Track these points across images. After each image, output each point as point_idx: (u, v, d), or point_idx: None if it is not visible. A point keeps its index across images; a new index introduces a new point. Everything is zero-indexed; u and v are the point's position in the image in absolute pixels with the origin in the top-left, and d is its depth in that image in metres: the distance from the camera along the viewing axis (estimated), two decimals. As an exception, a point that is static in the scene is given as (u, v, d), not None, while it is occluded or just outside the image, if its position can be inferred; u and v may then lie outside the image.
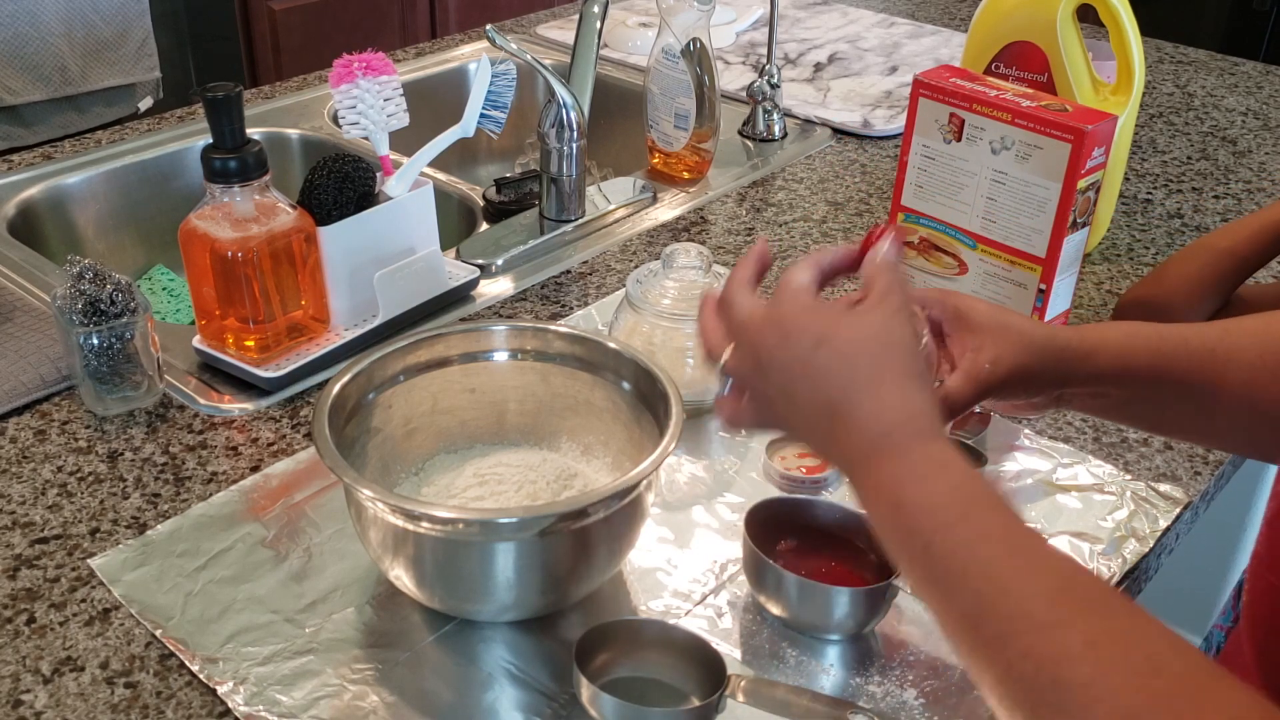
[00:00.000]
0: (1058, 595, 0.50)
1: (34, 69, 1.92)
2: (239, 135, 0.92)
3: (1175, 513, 0.88)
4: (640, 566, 0.81)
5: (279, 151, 1.43)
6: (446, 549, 0.71)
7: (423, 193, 1.05)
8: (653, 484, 0.76)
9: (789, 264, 0.67)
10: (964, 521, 0.53)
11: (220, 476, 0.88)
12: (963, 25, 1.92)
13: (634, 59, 1.68)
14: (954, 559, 0.52)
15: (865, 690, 0.72)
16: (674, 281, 0.92)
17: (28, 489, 0.86)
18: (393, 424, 0.83)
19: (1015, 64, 1.17)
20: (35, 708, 0.69)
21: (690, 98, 1.31)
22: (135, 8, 2.04)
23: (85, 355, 0.91)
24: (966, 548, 0.52)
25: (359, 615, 0.76)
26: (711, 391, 0.94)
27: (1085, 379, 0.69)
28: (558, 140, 1.21)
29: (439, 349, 0.84)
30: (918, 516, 0.54)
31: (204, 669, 0.71)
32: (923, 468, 0.55)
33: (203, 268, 0.93)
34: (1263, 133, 1.56)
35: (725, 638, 0.75)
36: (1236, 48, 2.27)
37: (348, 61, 0.99)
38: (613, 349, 0.83)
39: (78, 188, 1.32)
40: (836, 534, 0.79)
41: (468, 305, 1.11)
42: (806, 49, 1.77)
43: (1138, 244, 1.26)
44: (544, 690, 0.71)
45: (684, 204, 1.32)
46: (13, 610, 0.76)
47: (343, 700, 0.70)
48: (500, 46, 1.17)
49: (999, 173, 1.00)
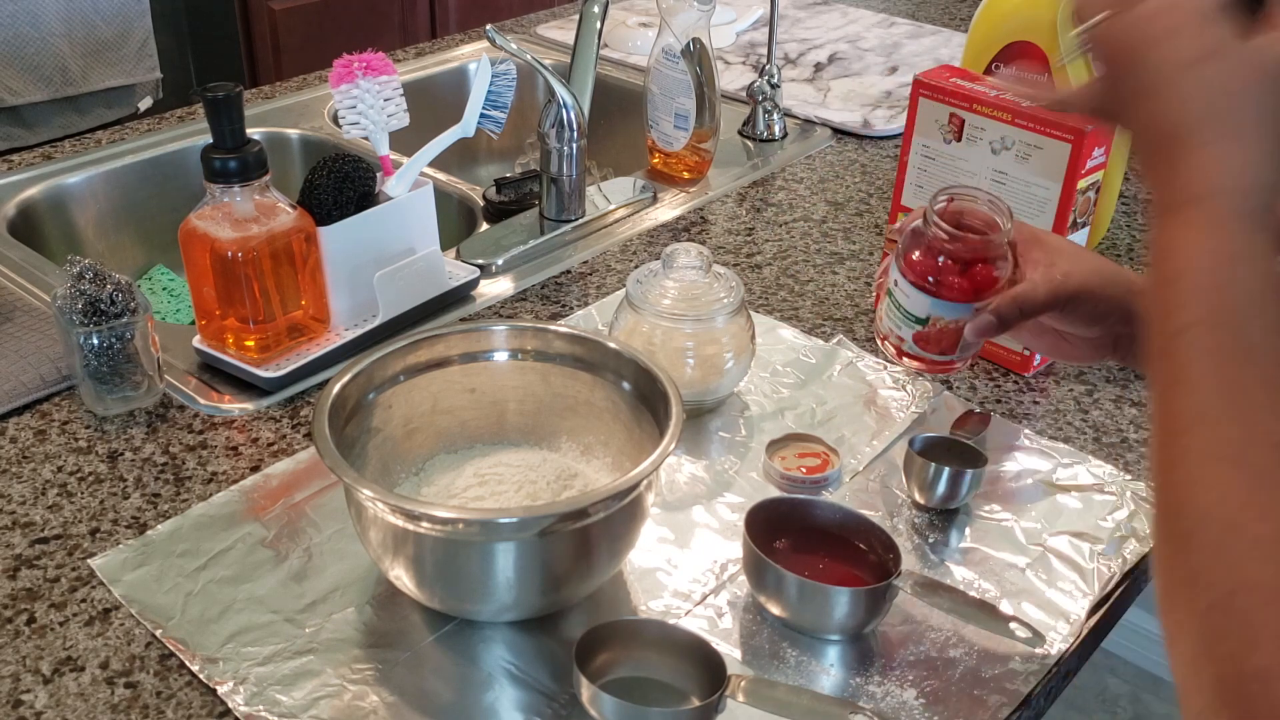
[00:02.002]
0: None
1: (34, 69, 1.92)
2: (239, 135, 0.92)
3: (1175, 513, 0.87)
4: (640, 566, 0.81)
5: (279, 151, 1.43)
6: (446, 549, 0.71)
7: (423, 193, 1.05)
8: (653, 484, 0.76)
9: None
10: (1234, 319, 0.50)
11: (220, 476, 0.88)
12: (963, 25, 1.92)
13: (634, 59, 1.68)
14: (1197, 354, 0.49)
15: (865, 690, 0.72)
16: (674, 281, 0.92)
17: (28, 489, 0.86)
18: (393, 424, 0.83)
19: (1015, 64, 1.17)
20: (35, 708, 0.69)
21: (690, 98, 1.31)
22: (136, 8, 2.04)
23: (85, 355, 0.91)
24: (1215, 350, 0.49)
25: (359, 615, 0.76)
26: (712, 392, 0.94)
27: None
28: (558, 140, 1.21)
29: (439, 349, 0.84)
30: (1190, 293, 0.50)
31: (204, 669, 0.71)
32: (1258, 248, 0.51)
33: (203, 268, 0.93)
34: (1263, 133, 1.56)
35: (725, 638, 0.75)
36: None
37: (348, 61, 0.99)
38: (613, 349, 0.83)
39: (78, 188, 1.32)
40: (836, 534, 0.79)
41: (468, 305, 1.11)
42: (806, 49, 1.77)
43: (1138, 244, 1.26)
44: (544, 690, 0.71)
45: (684, 204, 1.32)
46: (13, 610, 0.76)
47: (343, 700, 0.70)
48: (500, 46, 1.17)
49: (999, 173, 1.00)
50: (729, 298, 0.92)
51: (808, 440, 0.92)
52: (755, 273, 1.18)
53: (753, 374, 1.00)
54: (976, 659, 0.74)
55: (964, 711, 0.71)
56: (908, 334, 0.80)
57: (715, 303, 0.92)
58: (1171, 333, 0.50)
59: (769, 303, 1.12)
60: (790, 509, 0.80)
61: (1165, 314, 0.51)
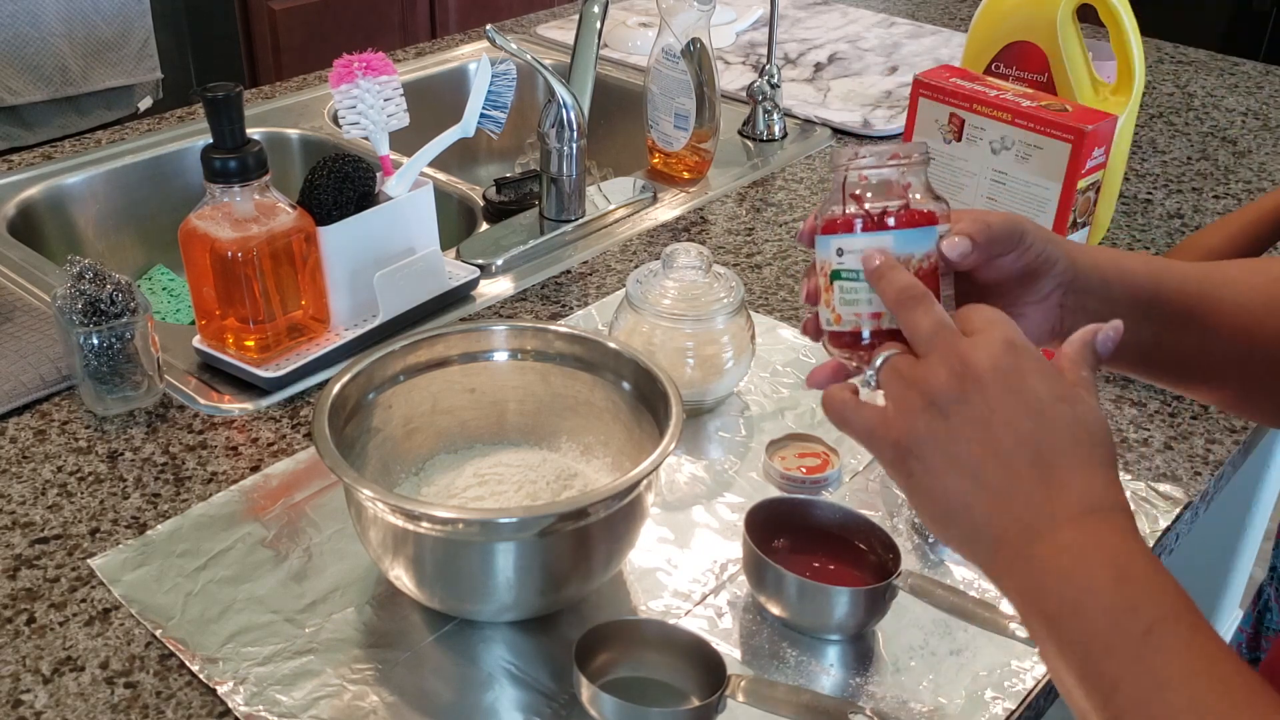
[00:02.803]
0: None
1: (34, 69, 1.92)
2: (239, 135, 0.92)
3: (1175, 513, 0.88)
4: (640, 566, 0.81)
5: (279, 151, 1.43)
6: (446, 549, 0.71)
7: (423, 193, 1.05)
8: (653, 484, 0.76)
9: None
10: (1191, 615, 0.50)
11: (220, 476, 0.88)
12: (963, 25, 1.92)
13: (634, 59, 1.68)
14: (1174, 651, 0.49)
15: (865, 690, 0.72)
16: (674, 281, 0.92)
17: (28, 489, 0.86)
18: (393, 424, 0.83)
19: (1015, 64, 1.17)
20: (35, 708, 0.69)
21: (690, 98, 1.31)
22: (136, 8, 2.04)
23: (85, 355, 0.91)
24: (1189, 646, 0.49)
25: (359, 615, 0.76)
26: (712, 392, 0.94)
27: (1086, 281, 0.66)
28: (558, 140, 1.21)
29: (439, 349, 0.84)
30: (1145, 592, 0.50)
31: (204, 669, 0.71)
32: (1145, 548, 0.52)
33: (203, 268, 0.93)
34: (1263, 133, 1.56)
35: (725, 638, 0.75)
36: (1236, 48, 2.27)
37: (348, 61, 0.99)
38: (613, 349, 0.83)
39: (78, 188, 1.32)
40: (836, 534, 0.79)
41: (468, 305, 1.11)
42: (806, 49, 1.77)
43: (1138, 244, 1.26)
44: (544, 690, 0.71)
45: (684, 204, 1.32)
46: (13, 610, 0.76)
47: (343, 700, 0.70)
48: (500, 46, 1.17)
49: (999, 173, 1.00)
50: (729, 298, 0.92)
51: (808, 440, 0.92)
52: (755, 273, 1.18)
53: (753, 374, 1.00)
54: (976, 659, 0.74)
55: (964, 712, 0.71)
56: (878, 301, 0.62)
57: (715, 303, 0.92)
58: (1139, 634, 0.49)
59: (769, 303, 1.12)
60: (790, 509, 0.80)
61: (1121, 617, 0.50)
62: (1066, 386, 0.56)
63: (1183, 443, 0.95)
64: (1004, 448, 0.54)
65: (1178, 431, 0.97)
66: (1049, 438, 0.54)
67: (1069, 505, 0.53)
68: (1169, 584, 0.50)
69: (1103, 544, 0.52)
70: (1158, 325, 0.68)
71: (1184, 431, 0.97)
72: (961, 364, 0.55)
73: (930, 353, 0.57)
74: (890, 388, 0.58)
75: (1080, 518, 0.52)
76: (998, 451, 0.54)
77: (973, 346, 0.55)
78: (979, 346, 0.55)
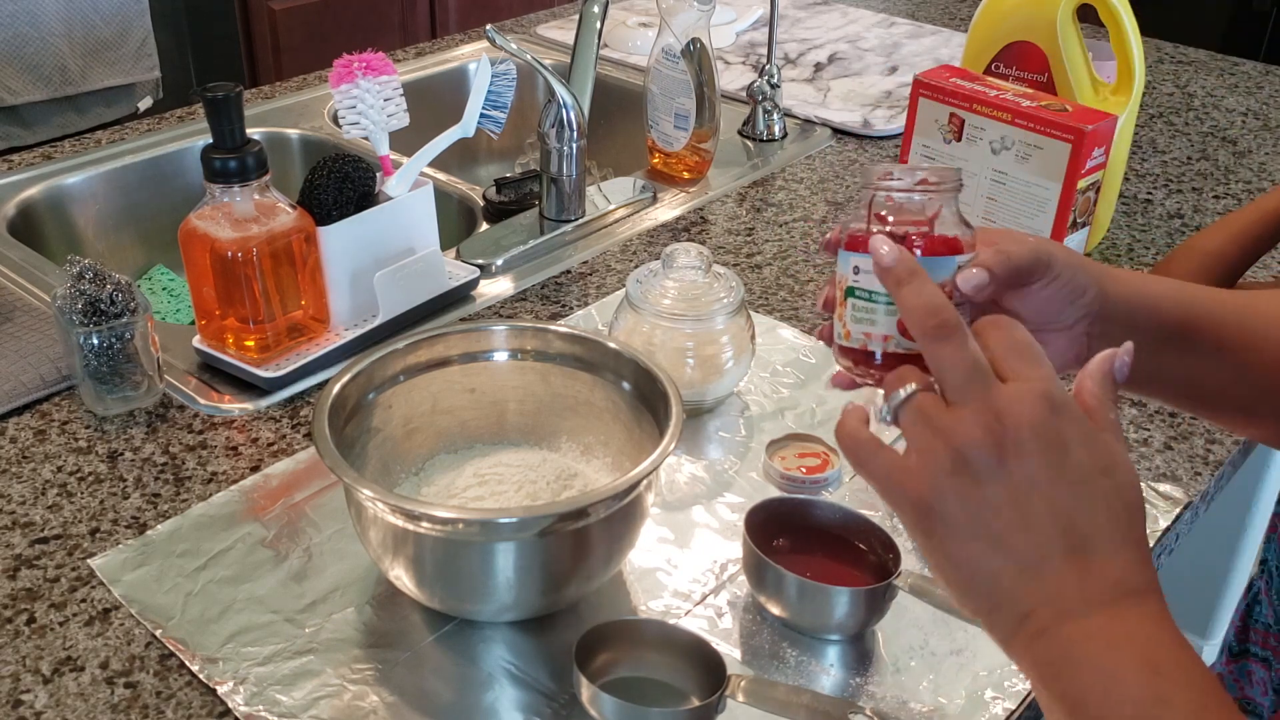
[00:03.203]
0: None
1: (34, 69, 1.92)
2: (239, 135, 0.92)
3: (1175, 513, 0.88)
4: (640, 566, 0.81)
5: (279, 151, 1.43)
6: (446, 549, 0.71)
7: (423, 193, 1.05)
8: (653, 484, 0.76)
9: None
10: (1221, 708, 0.48)
11: (220, 476, 0.88)
12: (963, 25, 1.92)
13: (634, 59, 1.68)
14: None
15: (865, 690, 0.72)
16: (674, 281, 0.92)
17: (28, 489, 0.86)
18: (393, 424, 0.83)
19: (1015, 64, 1.17)
20: (35, 708, 0.69)
21: (690, 98, 1.31)
22: (135, 8, 2.04)
23: (85, 355, 0.91)
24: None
25: (359, 615, 0.76)
26: (711, 392, 0.94)
27: (1113, 310, 0.64)
28: (558, 140, 1.21)
29: (439, 349, 0.84)
30: (1175, 686, 0.48)
31: (204, 669, 0.71)
32: (1177, 637, 0.50)
33: (203, 268, 0.93)
34: (1263, 133, 1.56)
35: (725, 638, 0.75)
36: (1236, 48, 2.27)
37: (348, 61, 0.99)
38: (613, 349, 0.83)
39: (78, 188, 1.32)
40: (836, 534, 0.79)
41: (468, 305, 1.11)
42: (806, 49, 1.77)
43: (1138, 244, 1.26)
44: (544, 690, 0.71)
45: (684, 204, 1.32)
46: (13, 610, 0.76)
47: (343, 700, 0.70)
48: (500, 46, 1.17)
49: (999, 173, 1.00)
50: (729, 298, 0.92)
51: (808, 440, 0.92)
52: (755, 273, 1.18)
53: (753, 374, 1.00)
54: (976, 659, 0.74)
55: (964, 712, 0.71)
56: (887, 324, 0.62)
57: (715, 303, 0.92)
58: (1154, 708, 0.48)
59: (769, 303, 1.12)
60: (790, 509, 0.80)
61: (1150, 709, 0.48)
62: (1105, 451, 0.52)
63: (1183, 443, 0.95)
64: (1039, 522, 0.51)
65: (1178, 431, 0.97)
66: (1087, 515, 0.51)
67: (1103, 590, 0.50)
68: (1200, 675, 0.49)
69: (1135, 634, 0.49)
70: (1190, 356, 0.66)
71: (1184, 431, 0.97)
72: (999, 422, 0.51)
73: (962, 402, 0.52)
74: (914, 435, 0.53)
75: (1114, 602, 0.50)
76: (1031, 525, 0.51)
77: (1010, 401, 0.51)
78: (1017, 401, 0.51)
